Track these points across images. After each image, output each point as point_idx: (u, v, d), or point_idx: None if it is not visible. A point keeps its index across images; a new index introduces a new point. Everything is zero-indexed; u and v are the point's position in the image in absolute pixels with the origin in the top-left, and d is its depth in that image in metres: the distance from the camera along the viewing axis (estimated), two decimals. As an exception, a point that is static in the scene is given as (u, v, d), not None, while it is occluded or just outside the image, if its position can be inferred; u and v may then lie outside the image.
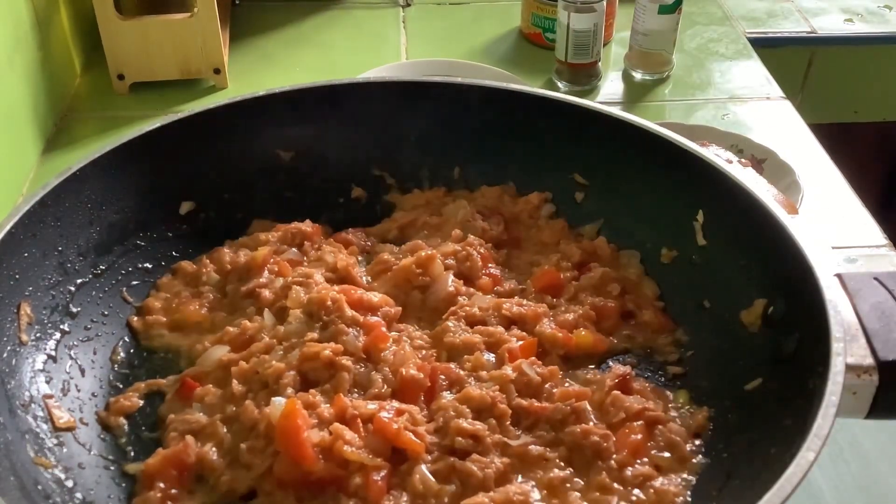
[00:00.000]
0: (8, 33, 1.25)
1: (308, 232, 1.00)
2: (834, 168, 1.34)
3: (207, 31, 1.42)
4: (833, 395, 0.67)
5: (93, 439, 0.81)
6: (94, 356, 0.88)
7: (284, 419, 0.75)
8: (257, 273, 0.94)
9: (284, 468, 0.74)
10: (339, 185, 1.07)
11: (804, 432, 0.65)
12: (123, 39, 1.41)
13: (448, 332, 0.87)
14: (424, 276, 0.93)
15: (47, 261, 0.87)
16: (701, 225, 0.92)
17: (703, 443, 0.80)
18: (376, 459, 0.74)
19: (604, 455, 0.77)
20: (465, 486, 0.74)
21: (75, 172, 0.90)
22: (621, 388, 0.82)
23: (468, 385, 0.81)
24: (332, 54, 1.62)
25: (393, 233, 1.04)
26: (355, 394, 0.81)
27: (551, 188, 1.03)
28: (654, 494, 0.75)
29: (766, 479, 0.63)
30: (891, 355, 0.72)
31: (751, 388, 0.79)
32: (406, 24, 1.72)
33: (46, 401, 0.80)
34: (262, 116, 1.03)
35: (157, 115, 1.31)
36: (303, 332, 0.84)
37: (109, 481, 0.78)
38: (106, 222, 0.93)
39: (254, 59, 1.59)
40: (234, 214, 1.03)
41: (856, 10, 1.83)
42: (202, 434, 0.79)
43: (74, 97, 1.48)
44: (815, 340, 0.72)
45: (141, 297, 0.94)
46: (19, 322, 0.82)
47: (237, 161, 1.03)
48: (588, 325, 0.90)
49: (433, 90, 1.05)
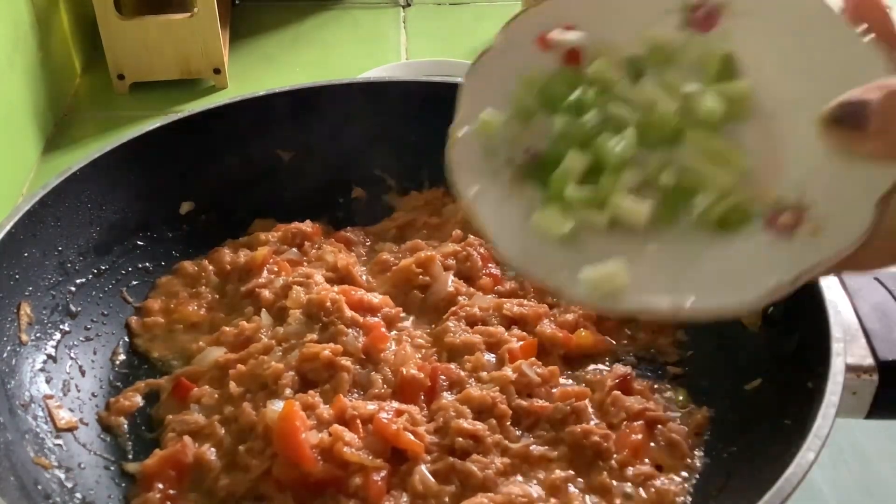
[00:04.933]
0: (8, 33, 1.25)
1: (308, 232, 1.00)
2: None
3: (207, 31, 1.42)
4: (833, 395, 0.67)
5: (93, 439, 0.81)
6: (94, 356, 0.88)
7: (282, 421, 0.75)
8: (257, 273, 0.94)
9: (283, 470, 0.74)
10: (339, 185, 1.07)
11: (804, 432, 0.65)
12: (123, 39, 1.41)
13: (448, 332, 0.87)
14: (424, 275, 0.93)
15: (47, 261, 0.87)
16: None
17: (703, 443, 0.80)
18: (376, 460, 0.74)
19: (604, 455, 0.77)
20: (465, 486, 0.74)
21: (75, 172, 0.90)
22: (622, 389, 0.82)
23: (468, 386, 0.81)
24: (332, 54, 1.62)
25: (392, 232, 1.04)
26: (355, 394, 0.81)
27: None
28: (654, 494, 0.75)
29: (766, 479, 0.63)
30: (891, 355, 0.72)
31: (751, 388, 0.79)
32: (406, 24, 1.72)
33: (47, 401, 0.80)
34: (262, 116, 1.03)
35: (157, 115, 1.31)
36: (302, 333, 0.84)
37: (109, 481, 0.78)
38: (106, 222, 0.93)
39: (254, 59, 1.59)
40: (234, 214, 1.03)
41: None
42: (200, 435, 0.79)
43: (74, 97, 1.48)
44: (815, 340, 0.73)
45: (141, 297, 0.95)
46: (19, 322, 0.82)
47: (237, 161, 1.03)
48: (588, 326, 0.90)
49: (433, 90, 1.05)
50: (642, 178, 0.52)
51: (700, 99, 0.53)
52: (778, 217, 0.49)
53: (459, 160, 0.54)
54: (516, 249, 0.52)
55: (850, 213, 0.46)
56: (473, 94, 0.57)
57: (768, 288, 0.47)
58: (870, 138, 0.45)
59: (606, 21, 0.57)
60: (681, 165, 0.52)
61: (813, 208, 0.48)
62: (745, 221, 0.50)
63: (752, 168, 0.52)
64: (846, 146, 0.47)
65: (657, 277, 0.50)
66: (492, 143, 0.55)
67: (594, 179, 0.52)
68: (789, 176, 0.50)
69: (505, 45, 0.57)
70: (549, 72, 0.57)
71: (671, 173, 0.52)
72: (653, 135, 0.53)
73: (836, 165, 0.48)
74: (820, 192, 0.49)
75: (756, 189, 0.51)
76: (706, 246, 0.50)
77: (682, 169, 0.52)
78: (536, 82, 0.56)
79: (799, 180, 0.50)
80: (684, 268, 0.50)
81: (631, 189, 0.52)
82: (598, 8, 0.57)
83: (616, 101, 0.54)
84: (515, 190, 0.54)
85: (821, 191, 0.49)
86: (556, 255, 0.51)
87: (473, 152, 0.55)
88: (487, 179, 0.54)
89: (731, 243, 0.50)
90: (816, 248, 0.47)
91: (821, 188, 0.49)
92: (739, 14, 0.55)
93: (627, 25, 0.56)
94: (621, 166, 0.52)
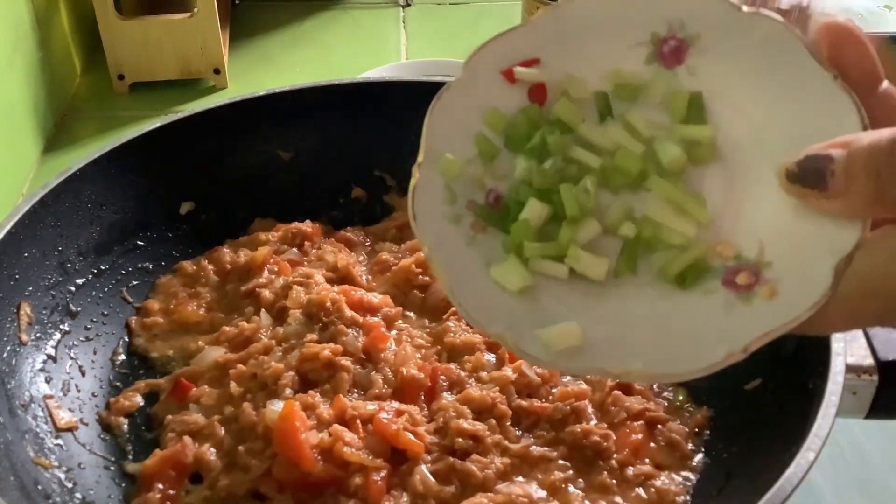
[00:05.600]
0: (8, 33, 1.25)
1: (308, 232, 1.00)
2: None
3: (207, 31, 1.42)
4: (833, 395, 0.67)
5: (93, 439, 0.81)
6: (94, 356, 0.88)
7: (282, 421, 0.75)
8: (257, 273, 0.94)
9: (283, 470, 0.74)
10: (339, 185, 1.07)
11: (804, 432, 0.65)
12: (123, 39, 1.41)
13: (448, 331, 0.87)
14: (424, 275, 0.93)
15: (47, 261, 0.87)
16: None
17: (703, 443, 0.80)
18: (376, 460, 0.74)
19: (604, 455, 0.77)
20: (465, 486, 0.74)
21: (75, 172, 0.90)
22: (622, 388, 0.82)
23: (468, 386, 0.81)
24: (332, 54, 1.62)
25: (392, 232, 1.04)
26: (355, 394, 0.81)
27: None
28: (654, 494, 0.75)
29: (766, 479, 0.63)
30: (891, 355, 0.72)
31: (751, 388, 0.79)
32: (406, 24, 1.72)
33: (47, 401, 0.80)
34: (262, 116, 1.03)
35: (157, 115, 1.31)
36: (302, 333, 0.84)
37: (109, 481, 0.78)
38: (106, 222, 0.93)
39: (254, 59, 1.59)
40: (234, 214, 1.03)
41: (856, 10, 1.83)
42: (200, 435, 0.79)
43: (74, 97, 1.48)
44: (816, 340, 0.72)
45: (141, 297, 0.95)
46: (19, 322, 0.82)
47: (237, 161, 1.03)
48: (588, 325, 0.90)
49: (433, 90, 1.05)
50: (602, 230, 0.52)
51: (664, 145, 0.52)
52: (736, 275, 0.48)
53: (420, 207, 0.52)
54: (475, 303, 0.50)
55: (807, 277, 0.44)
56: (436, 133, 0.54)
57: (719, 357, 0.45)
58: (831, 197, 0.43)
59: (572, 55, 0.55)
60: (643, 215, 0.51)
61: (771, 267, 0.47)
62: (703, 277, 0.49)
63: (714, 216, 0.50)
64: (806, 203, 0.44)
65: (611, 337, 0.49)
66: (454, 186, 0.53)
67: (556, 227, 0.52)
68: (750, 228, 0.49)
69: (468, 78, 0.55)
70: (513, 108, 0.55)
71: (631, 225, 0.51)
72: (616, 180, 0.52)
73: (797, 222, 0.46)
74: (779, 249, 0.47)
75: (717, 240, 0.50)
76: (664, 301, 0.49)
77: (643, 219, 0.51)
78: (500, 121, 0.55)
79: (759, 234, 0.48)
80: (641, 327, 0.49)
81: (591, 241, 0.51)
82: (564, 41, 0.55)
83: (578, 146, 0.53)
84: (477, 237, 0.53)
85: (780, 248, 0.47)
86: (514, 308, 0.50)
87: (436, 196, 0.53)
88: (449, 226, 0.52)
89: (688, 301, 0.49)
90: (771, 314, 0.46)
91: (780, 246, 0.47)
92: (707, 50, 0.52)
93: (594, 59, 0.54)
94: (580, 218, 0.51)
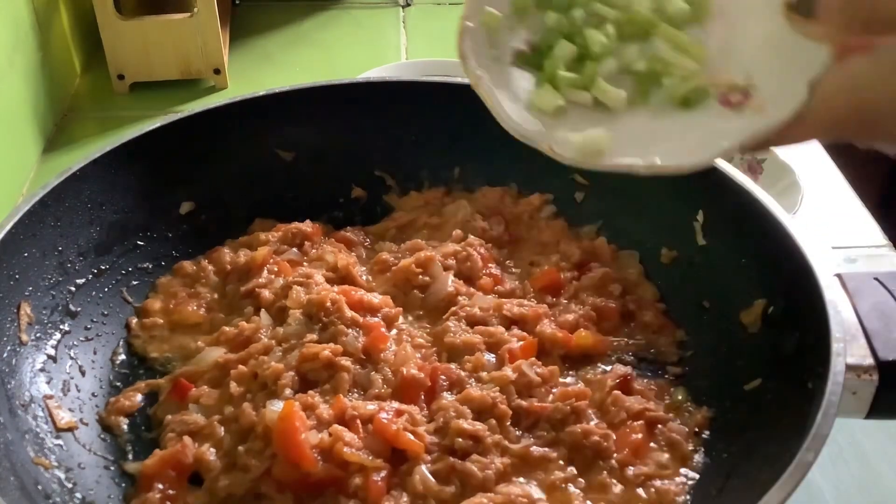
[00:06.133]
0: (8, 33, 1.25)
1: (308, 232, 1.00)
2: (834, 168, 1.34)
3: (207, 31, 1.42)
4: (833, 395, 0.67)
5: (93, 439, 0.81)
6: (94, 356, 0.88)
7: (282, 421, 0.75)
8: (257, 273, 0.94)
9: (283, 470, 0.74)
10: (339, 185, 1.07)
11: (804, 432, 0.65)
12: (123, 39, 1.41)
13: (448, 332, 0.87)
14: (424, 275, 0.93)
15: (47, 261, 0.87)
16: (701, 225, 0.92)
17: (703, 443, 0.80)
18: (376, 460, 0.74)
19: (604, 455, 0.77)
20: (465, 486, 0.74)
21: (75, 172, 0.90)
22: (622, 389, 0.82)
23: (468, 386, 0.81)
24: (332, 54, 1.62)
25: (392, 232, 1.04)
26: (355, 394, 0.81)
27: (552, 188, 1.03)
28: (654, 493, 0.75)
29: (766, 479, 0.63)
30: (891, 355, 0.72)
31: (751, 388, 0.79)
32: (406, 24, 1.72)
33: (47, 401, 0.80)
34: (262, 116, 1.03)
35: (157, 115, 1.31)
36: (302, 333, 0.84)
37: (109, 481, 0.78)
38: (106, 222, 0.93)
39: (254, 59, 1.59)
40: (234, 214, 1.03)
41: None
42: (200, 435, 0.79)
43: (74, 97, 1.48)
44: (815, 340, 0.73)
45: (141, 297, 0.94)
46: (19, 322, 0.82)
47: (237, 161, 1.03)
48: (589, 326, 0.90)
49: (433, 90, 1.05)
50: (620, 66, 0.63)
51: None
52: (730, 97, 0.60)
53: (467, 48, 0.63)
54: (517, 119, 0.61)
55: (787, 93, 0.56)
56: None
57: (721, 149, 0.58)
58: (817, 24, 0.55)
59: None
60: (652, 55, 0.63)
61: (758, 89, 0.59)
62: (703, 100, 0.61)
63: (711, 57, 0.62)
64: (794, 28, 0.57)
65: (631, 143, 0.60)
66: (494, 35, 0.64)
67: (580, 68, 0.63)
68: (740, 63, 0.61)
69: None
70: None
71: (643, 61, 0.63)
72: (629, 29, 0.64)
73: (778, 55, 0.58)
74: (764, 75, 0.59)
75: (713, 74, 0.61)
76: (671, 119, 0.61)
77: (653, 57, 0.63)
78: None
79: (747, 67, 0.60)
80: (654, 136, 0.60)
81: (610, 74, 0.63)
82: None
83: (598, 2, 0.65)
84: (515, 73, 0.64)
85: (765, 75, 0.59)
86: (548, 123, 0.61)
87: (479, 42, 0.64)
88: (491, 64, 0.63)
89: (691, 117, 0.60)
90: (760, 120, 0.57)
91: (765, 72, 0.59)
92: None
93: None
94: (603, 55, 0.63)
